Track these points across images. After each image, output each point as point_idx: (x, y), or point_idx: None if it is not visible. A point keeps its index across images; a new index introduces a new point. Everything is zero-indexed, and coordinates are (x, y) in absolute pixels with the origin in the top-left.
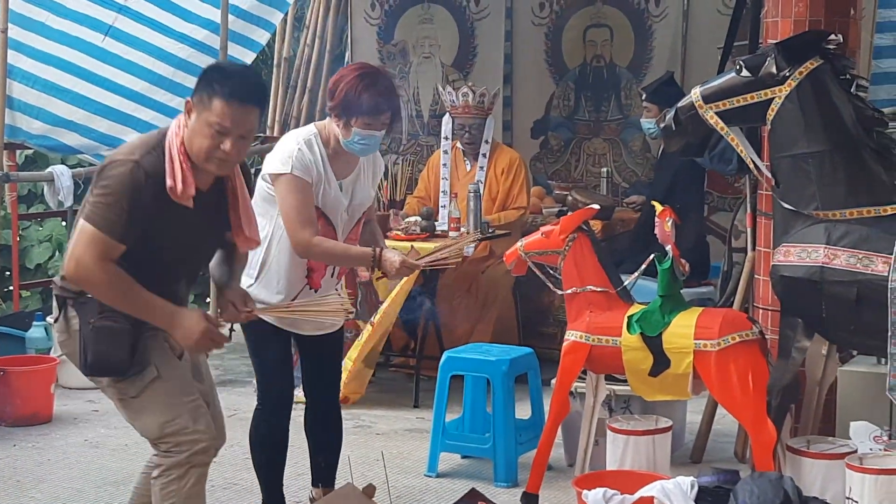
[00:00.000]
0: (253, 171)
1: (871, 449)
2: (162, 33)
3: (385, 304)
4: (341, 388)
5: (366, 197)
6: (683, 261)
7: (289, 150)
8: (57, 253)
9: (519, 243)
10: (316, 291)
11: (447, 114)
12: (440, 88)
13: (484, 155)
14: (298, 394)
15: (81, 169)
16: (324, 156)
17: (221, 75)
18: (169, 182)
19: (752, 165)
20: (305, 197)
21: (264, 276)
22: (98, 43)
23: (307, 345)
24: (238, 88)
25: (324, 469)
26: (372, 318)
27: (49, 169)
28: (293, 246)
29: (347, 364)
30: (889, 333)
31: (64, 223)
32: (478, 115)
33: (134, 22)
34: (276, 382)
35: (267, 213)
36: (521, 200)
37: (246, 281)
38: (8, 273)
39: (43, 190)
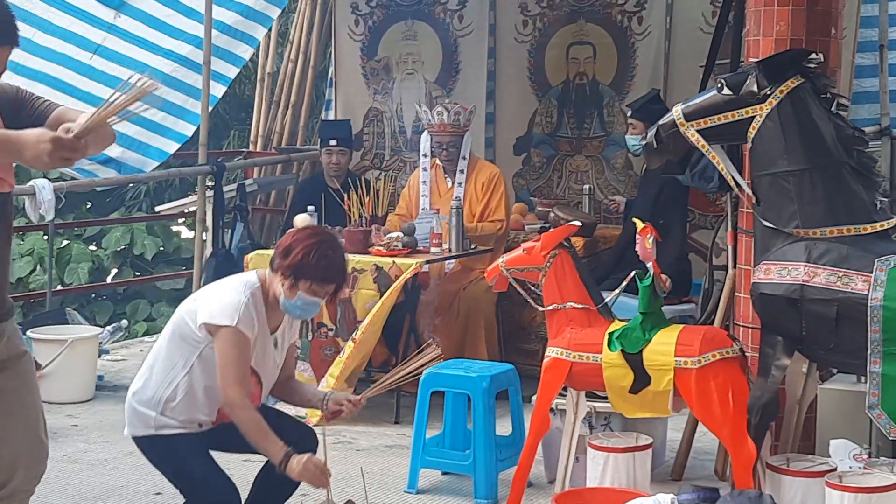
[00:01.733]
0: (236, 185)
1: (850, 467)
2: (148, 50)
3: (365, 322)
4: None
5: (285, 354)
6: (665, 276)
7: (235, 303)
8: (38, 267)
9: (500, 259)
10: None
11: (425, 131)
12: (418, 107)
13: (461, 171)
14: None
15: (63, 182)
16: (263, 310)
17: None
18: None
19: (732, 183)
20: (244, 353)
21: (169, 410)
22: (86, 60)
23: (223, 436)
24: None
25: None
26: (353, 335)
27: (30, 182)
28: (223, 399)
29: (330, 381)
30: (868, 352)
31: (45, 237)
32: (454, 132)
33: (122, 41)
34: (216, 491)
35: (180, 353)
36: (498, 214)
37: (149, 412)
38: None
39: (24, 204)
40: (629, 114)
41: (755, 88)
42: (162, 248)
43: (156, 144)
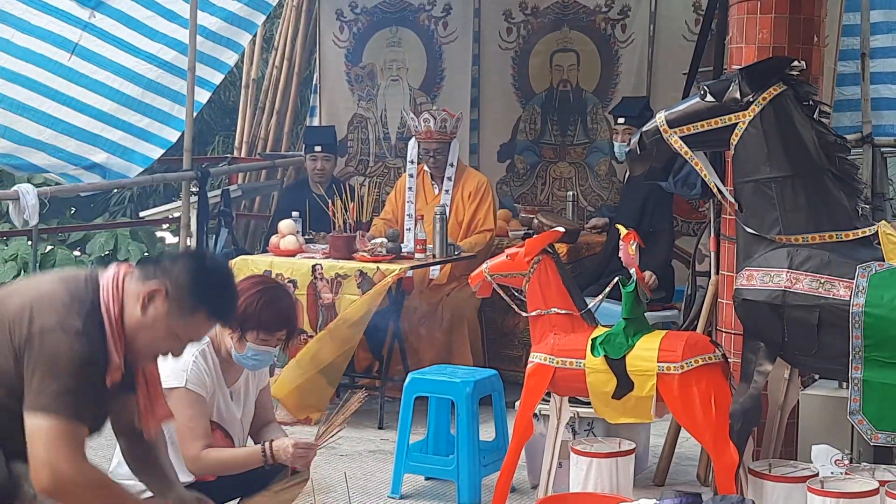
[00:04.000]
0: (220, 191)
1: (832, 472)
2: (129, 52)
3: (340, 314)
4: (292, 399)
5: (253, 404)
6: (648, 273)
7: (183, 363)
8: (22, 272)
9: (484, 265)
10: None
11: (413, 138)
12: (405, 114)
13: (449, 178)
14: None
15: (47, 188)
16: (217, 365)
17: (212, 290)
18: (114, 359)
19: (715, 190)
20: (198, 411)
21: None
22: (64, 62)
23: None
24: (227, 319)
25: None
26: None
27: (14, 188)
28: (185, 462)
29: (292, 364)
30: (850, 358)
31: (29, 242)
32: (441, 139)
33: (99, 40)
34: None
35: None
36: (487, 223)
37: (128, 482)
38: None
39: (8, 209)
40: (622, 121)
41: (738, 95)
42: (146, 254)
43: (140, 150)
